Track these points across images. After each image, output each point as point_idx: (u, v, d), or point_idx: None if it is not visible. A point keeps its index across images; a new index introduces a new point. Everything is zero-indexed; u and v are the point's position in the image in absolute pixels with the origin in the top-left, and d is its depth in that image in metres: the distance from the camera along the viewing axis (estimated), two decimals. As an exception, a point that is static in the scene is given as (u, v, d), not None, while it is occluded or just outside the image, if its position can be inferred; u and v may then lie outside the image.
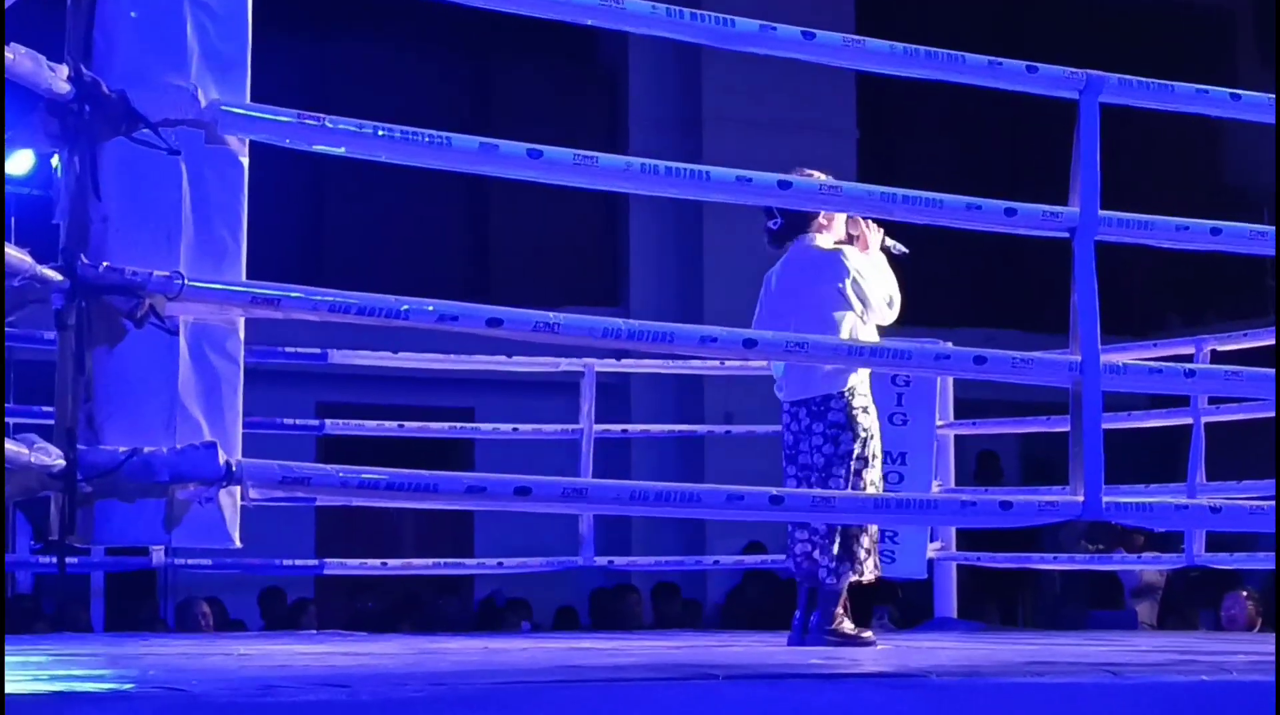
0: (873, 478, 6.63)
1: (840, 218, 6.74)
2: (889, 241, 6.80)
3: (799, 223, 6.70)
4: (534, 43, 14.58)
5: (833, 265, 6.63)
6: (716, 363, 9.31)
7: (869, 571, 6.65)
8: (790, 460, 6.70)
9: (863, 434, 6.61)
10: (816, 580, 6.62)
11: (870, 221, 6.74)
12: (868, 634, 6.75)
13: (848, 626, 6.62)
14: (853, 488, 6.52)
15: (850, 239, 6.79)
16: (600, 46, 15.93)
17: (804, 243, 6.73)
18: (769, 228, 6.75)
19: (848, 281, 6.59)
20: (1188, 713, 4.00)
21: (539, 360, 9.03)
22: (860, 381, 6.65)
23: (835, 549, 6.57)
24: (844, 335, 6.49)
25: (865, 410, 6.65)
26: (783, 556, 7.36)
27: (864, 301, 6.61)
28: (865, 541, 6.62)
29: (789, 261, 6.76)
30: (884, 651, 6.19)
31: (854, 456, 6.57)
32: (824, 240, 6.74)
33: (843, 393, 6.59)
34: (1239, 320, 12.50)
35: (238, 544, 3.99)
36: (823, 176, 6.24)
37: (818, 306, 6.56)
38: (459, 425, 10.68)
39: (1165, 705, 4.00)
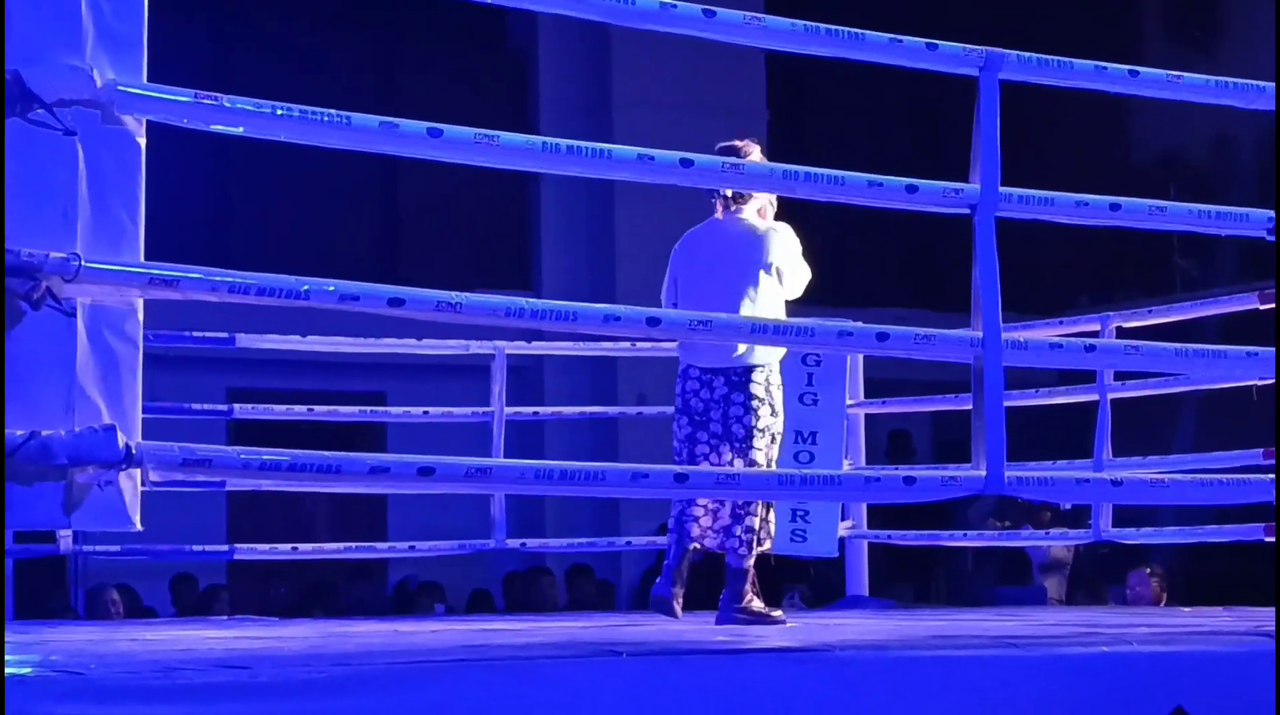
0: (773, 455, 6.66)
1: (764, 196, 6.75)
2: None
3: (742, 195, 6.69)
4: (442, 25, 14.51)
5: (766, 241, 6.61)
6: (629, 344, 9.29)
7: (760, 547, 6.67)
8: (700, 426, 6.65)
9: (778, 409, 6.64)
10: (693, 540, 6.64)
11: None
12: (777, 612, 6.78)
13: (757, 605, 6.64)
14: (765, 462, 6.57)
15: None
16: (510, 29, 15.87)
17: (733, 216, 6.71)
18: (725, 195, 6.70)
19: (784, 257, 6.59)
20: (1086, 683, 4.05)
21: (449, 343, 8.97)
22: (777, 358, 6.68)
23: (739, 526, 6.58)
24: (769, 311, 6.48)
25: (779, 386, 6.67)
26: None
27: (795, 277, 6.62)
28: (764, 513, 6.64)
29: (717, 234, 6.70)
30: (792, 629, 6.22)
31: (769, 431, 6.60)
32: (751, 214, 6.73)
33: (764, 366, 6.60)
34: (1147, 298, 12.59)
35: (138, 526, 3.96)
36: (757, 150, 6.33)
37: (744, 280, 6.54)
38: (369, 409, 10.61)
39: (1064, 676, 4.04)
